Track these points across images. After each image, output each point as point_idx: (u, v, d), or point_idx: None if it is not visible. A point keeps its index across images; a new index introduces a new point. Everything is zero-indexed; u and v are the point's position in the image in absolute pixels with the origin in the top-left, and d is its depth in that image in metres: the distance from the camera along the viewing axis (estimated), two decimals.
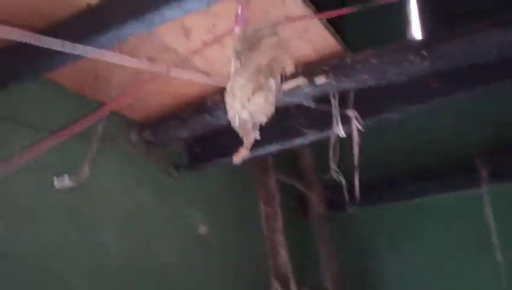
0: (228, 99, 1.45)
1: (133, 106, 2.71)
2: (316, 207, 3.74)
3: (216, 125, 2.60)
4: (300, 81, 2.27)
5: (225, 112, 2.40)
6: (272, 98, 1.39)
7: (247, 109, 1.38)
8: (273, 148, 2.74)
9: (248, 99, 1.36)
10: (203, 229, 3.15)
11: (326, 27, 2.15)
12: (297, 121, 2.62)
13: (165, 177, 2.94)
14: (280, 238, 3.27)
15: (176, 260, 2.92)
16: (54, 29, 2.00)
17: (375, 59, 2.16)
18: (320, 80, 2.25)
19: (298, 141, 2.68)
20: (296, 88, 2.30)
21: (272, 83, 1.36)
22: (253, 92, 1.35)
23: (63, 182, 1.76)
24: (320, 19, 2.12)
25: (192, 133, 2.69)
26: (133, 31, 1.75)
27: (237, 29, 1.45)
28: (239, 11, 1.48)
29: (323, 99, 2.46)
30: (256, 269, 3.31)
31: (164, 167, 2.92)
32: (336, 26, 2.37)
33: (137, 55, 2.29)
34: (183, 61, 1.96)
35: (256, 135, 1.48)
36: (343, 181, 2.44)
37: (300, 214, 3.81)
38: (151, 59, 2.31)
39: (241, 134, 1.48)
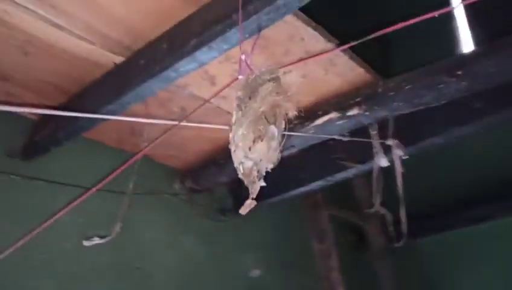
0: (232, 149, 1.41)
1: (173, 155, 2.75)
2: (375, 240, 3.58)
3: None
4: (332, 115, 2.21)
5: None
6: (275, 144, 1.35)
7: (250, 158, 1.34)
8: (316, 185, 2.67)
9: (249, 149, 1.32)
10: (255, 273, 3.09)
11: (351, 58, 2.08)
12: (337, 155, 2.54)
13: (212, 223, 2.92)
14: (336, 276, 3.15)
15: None
16: (85, 91, 2.10)
17: (407, 84, 2.06)
18: (353, 111, 2.17)
19: (341, 176, 2.59)
20: (329, 123, 2.24)
21: (273, 130, 1.32)
22: (254, 141, 1.32)
23: (92, 240, 1.79)
24: (344, 50, 2.06)
25: (232, 177, 2.67)
26: (153, 88, 1.78)
27: (240, 77, 1.43)
28: (242, 57, 1.46)
29: (362, 130, 2.38)
30: None
31: (210, 212, 2.91)
32: (374, 52, 2.31)
33: (169, 106, 2.34)
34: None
35: (262, 183, 1.42)
36: (389, 214, 2.31)
37: (357, 249, 3.66)
38: (183, 109, 2.36)
39: (246, 183, 1.43)
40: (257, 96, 1.31)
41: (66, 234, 2.27)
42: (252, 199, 1.36)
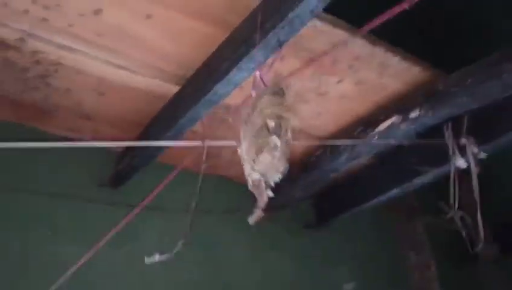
0: (242, 162, 1.45)
1: None
2: (482, 250, 3.28)
3: (327, 179, 2.56)
4: (394, 119, 2.14)
5: (331, 163, 2.41)
6: (278, 154, 1.35)
7: (256, 170, 1.36)
8: (393, 193, 2.57)
9: (254, 161, 1.34)
10: (350, 286, 3.03)
11: (404, 58, 2.01)
12: (412, 160, 2.43)
13: (297, 238, 2.94)
14: (436, 288, 2.95)
15: None
16: (152, 121, 2.30)
17: (470, 78, 1.93)
18: (415, 113, 2.08)
19: (418, 182, 2.46)
20: (392, 127, 2.17)
21: (274, 140, 1.32)
22: (257, 153, 1.33)
23: (153, 258, 1.93)
24: (396, 51, 2.00)
25: (306, 191, 2.68)
26: (200, 112, 1.90)
27: (253, 93, 1.47)
28: (257, 74, 1.50)
29: (436, 130, 2.26)
30: None
31: (294, 228, 2.94)
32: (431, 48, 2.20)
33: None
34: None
35: (269, 193, 1.43)
36: (469, 220, 2.14)
37: (461, 259, 3.38)
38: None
39: (256, 194, 1.45)
40: (261, 108, 1.34)
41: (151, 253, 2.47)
42: (260, 208, 1.37)
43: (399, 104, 2.15)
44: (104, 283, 2.32)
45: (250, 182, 1.39)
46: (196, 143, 1.85)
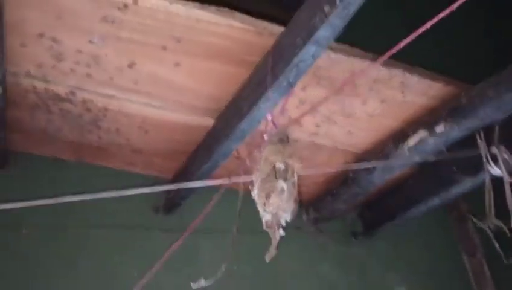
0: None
1: (300, 191, 2.96)
2: None
3: (367, 192, 2.64)
4: (422, 134, 2.19)
5: (367, 178, 2.50)
6: (286, 196, 1.46)
7: (268, 211, 1.48)
8: (433, 202, 2.59)
9: (265, 204, 1.47)
10: None
11: (422, 75, 2.06)
12: (448, 169, 2.45)
13: (346, 248, 3.03)
14: None
15: None
16: (194, 152, 2.49)
17: (491, 90, 1.94)
18: (440, 128, 2.12)
19: (455, 190, 2.47)
20: (421, 142, 2.22)
21: (281, 185, 1.44)
22: (267, 197, 1.46)
23: (200, 283, 2.10)
24: (413, 70, 2.05)
25: (348, 204, 2.77)
26: (231, 146, 2.07)
27: (266, 137, 1.59)
28: (269, 117, 1.63)
29: (471, 139, 2.27)
30: None
31: (341, 238, 3.03)
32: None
33: None
34: None
35: (281, 233, 1.55)
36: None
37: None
38: None
39: (270, 233, 1.57)
40: (263, 158, 1.48)
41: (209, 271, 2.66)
42: (275, 247, 1.50)
43: (425, 119, 2.19)
44: None
45: (264, 223, 1.53)
46: (222, 181, 2.01)
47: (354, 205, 2.84)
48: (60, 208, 2.43)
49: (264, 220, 1.53)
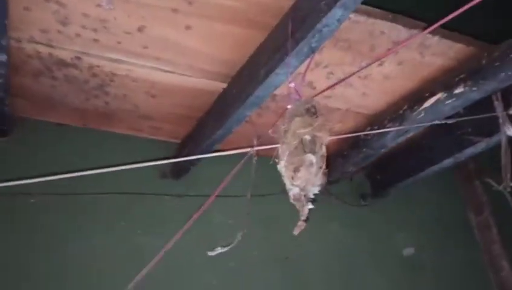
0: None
1: None
2: None
3: (377, 154, 2.61)
4: (439, 95, 2.14)
5: (379, 140, 2.46)
6: (314, 170, 1.42)
7: (295, 185, 1.44)
8: (446, 163, 2.57)
9: (292, 178, 1.42)
10: (409, 251, 3.11)
11: (443, 36, 1.98)
12: (464, 130, 2.41)
13: (355, 209, 3.03)
14: (498, 249, 2.96)
15: (385, 288, 2.96)
16: (205, 117, 2.44)
17: None
18: (459, 89, 2.07)
19: (469, 151, 2.45)
20: (438, 103, 2.17)
21: (310, 158, 1.39)
22: (295, 171, 1.41)
23: (216, 250, 2.09)
24: (434, 31, 1.97)
25: (358, 166, 2.74)
26: (245, 113, 2.01)
27: (289, 107, 1.53)
28: (291, 85, 1.56)
29: (487, 100, 2.23)
30: (475, 286, 3.06)
31: (349, 199, 3.03)
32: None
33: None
34: None
35: (310, 206, 1.51)
36: None
37: None
38: None
39: (297, 207, 1.54)
40: (289, 131, 1.42)
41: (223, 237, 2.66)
42: (303, 220, 1.47)
43: (443, 81, 2.13)
44: (182, 269, 2.54)
45: (291, 196, 1.49)
46: (247, 149, 1.96)
47: (363, 167, 2.82)
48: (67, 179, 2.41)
49: (291, 194, 1.48)
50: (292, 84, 1.57)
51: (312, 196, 1.48)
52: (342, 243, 2.94)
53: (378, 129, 2.45)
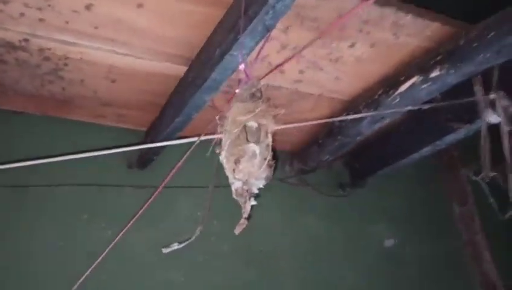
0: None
1: (279, 139, 2.79)
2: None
3: (354, 142, 2.47)
4: (414, 79, 2.00)
5: (355, 127, 2.33)
6: (258, 162, 1.28)
7: (237, 178, 1.30)
8: (425, 151, 2.44)
9: (234, 171, 1.28)
10: (390, 242, 3.00)
11: (418, 14, 1.84)
12: (442, 117, 2.28)
13: (333, 200, 2.91)
14: (481, 240, 2.85)
15: (364, 281, 2.84)
16: (166, 104, 2.29)
17: (492, 31, 1.74)
18: (435, 72, 1.93)
19: (450, 138, 2.32)
20: (413, 88, 2.03)
21: (252, 148, 1.25)
22: (236, 162, 1.27)
23: (171, 247, 1.96)
24: (408, 9, 1.83)
25: (334, 155, 2.61)
26: (204, 98, 1.85)
27: (237, 92, 1.39)
28: (241, 67, 1.42)
29: (467, 85, 2.10)
30: (457, 277, 2.95)
31: (326, 189, 2.90)
32: None
33: None
34: None
35: (252, 202, 1.37)
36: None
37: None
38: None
39: (240, 203, 1.40)
40: (229, 119, 1.28)
41: (188, 228, 2.53)
42: (245, 218, 1.33)
43: (419, 64, 2.00)
44: (145, 265, 2.41)
45: (233, 191, 1.35)
46: (193, 139, 1.81)
47: (339, 156, 2.68)
48: (21, 167, 2.26)
49: (233, 188, 1.34)
50: (242, 66, 1.42)
51: (256, 191, 1.33)
52: (318, 235, 2.82)
53: (349, 119, 2.31)
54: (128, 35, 1.90)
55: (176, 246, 1.88)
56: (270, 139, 1.33)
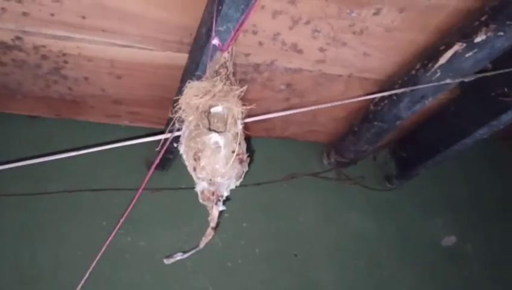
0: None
1: (314, 130, 2.51)
2: None
3: (394, 128, 2.14)
4: (456, 47, 1.65)
5: (392, 111, 2.02)
6: (224, 156, 0.99)
7: (200, 178, 1.03)
8: (480, 134, 2.06)
9: (194, 169, 1.01)
10: (450, 240, 2.62)
11: None
12: (497, 91, 1.90)
13: (379, 194, 2.58)
14: None
15: (419, 281, 2.50)
16: None
17: None
18: (481, 36, 1.57)
19: (508, 117, 1.93)
20: (456, 58, 1.68)
21: (215, 138, 0.96)
22: (195, 158, 1.00)
23: (174, 257, 1.74)
24: None
25: (373, 144, 2.28)
26: None
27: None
28: (214, 42, 1.15)
29: None
30: None
31: (370, 183, 2.58)
32: None
33: (273, 85, 2.13)
34: None
35: (220, 207, 1.09)
36: None
37: None
38: (288, 84, 2.12)
39: (208, 208, 1.13)
40: (183, 104, 1.01)
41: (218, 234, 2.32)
42: (212, 228, 1.06)
43: (460, 28, 1.65)
44: (170, 273, 2.23)
45: (198, 194, 1.09)
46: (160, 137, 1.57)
47: (378, 145, 2.35)
48: (37, 171, 2.16)
49: (197, 191, 1.09)
50: (215, 41, 1.17)
51: (224, 193, 1.06)
52: (364, 236, 2.51)
53: (388, 98, 1.99)
54: (119, 23, 1.71)
55: (179, 256, 1.65)
56: (240, 127, 1.06)
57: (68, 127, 2.35)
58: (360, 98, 1.88)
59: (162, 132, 2.34)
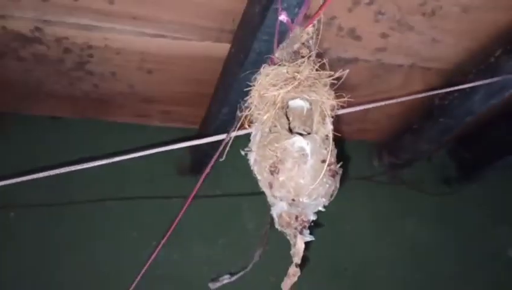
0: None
1: (364, 128, 2.26)
2: None
3: (461, 125, 1.88)
4: None
5: (463, 105, 1.77)
6: (311, 167, 0.73)
7: (278, 197, 0.77)
8: None
9: (271, 185, 0.74)
10: None
11: None
12: None
13: (435, 200, 2.32)
14: None
15: None
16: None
17: None
18: None
19: None
20: None
21: (300, 143, 0.71)
22: (272, 170, 0.73)
23: (220, 281, 1.51)
24: None
25: (435, 143, 2.02)
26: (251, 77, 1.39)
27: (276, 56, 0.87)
28: (282, 18, 0.91)
29: None
30: None
31: (428, 187, 2.31)
32: None
33: None
34: None
35: (308, 237, 0.83)
36: None
37: None
38: None
39: (289, 239, 0.87)
40: (255, 96, 0.76)
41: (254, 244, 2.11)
42: (296, 265, 0.81)
43: None
44: (197, 284, 2.03)
45: (275, 218, 0.83)
46: (221, 137, 1.33)
47: (440, 145, 2.08)
48: (62, 179, 1.96)
49: (274, 214, 0.83)
50: (283, 17, 0.92)
51: (311, 218, 0.80)
52: (421, 246, 2.25)
53: (460, 90, 1.72)
54: (153, 8, 1.49)
55: (226, 279, 1.41)
56: (330, 128, 0.79)
57: (94, 128, 2.15)
58: (446, 90, 1.60)
59: (198, 131, 2.14)
